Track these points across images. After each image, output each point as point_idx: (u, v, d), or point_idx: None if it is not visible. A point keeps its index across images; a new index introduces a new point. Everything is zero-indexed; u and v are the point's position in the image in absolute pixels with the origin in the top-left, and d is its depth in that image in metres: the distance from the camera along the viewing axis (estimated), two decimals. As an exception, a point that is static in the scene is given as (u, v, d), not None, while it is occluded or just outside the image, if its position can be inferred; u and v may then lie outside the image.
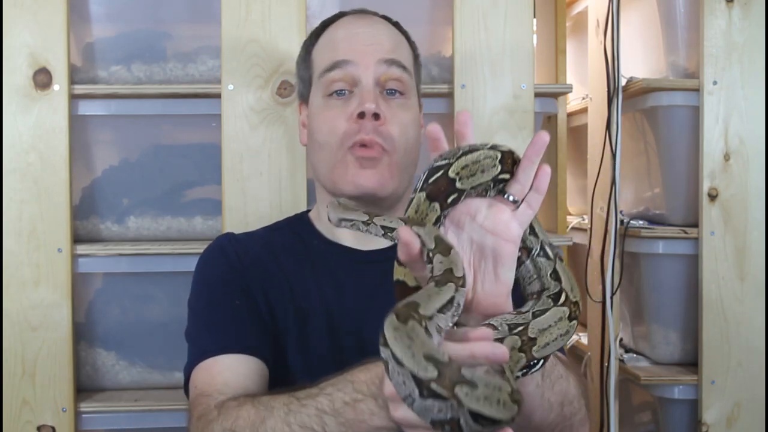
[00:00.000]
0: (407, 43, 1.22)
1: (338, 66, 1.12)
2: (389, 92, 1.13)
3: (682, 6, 1.85)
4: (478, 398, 0.61)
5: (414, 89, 1.19)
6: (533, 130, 1.67)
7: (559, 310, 0.83)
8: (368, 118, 1.08)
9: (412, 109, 1.16)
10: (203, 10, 1.73)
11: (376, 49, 1.13)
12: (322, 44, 1.18)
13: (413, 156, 1.16)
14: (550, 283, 0.87)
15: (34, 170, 1.60)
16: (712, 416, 1.76)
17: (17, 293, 1.59)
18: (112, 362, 1.72)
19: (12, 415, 1.59)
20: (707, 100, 1.76)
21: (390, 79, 1.13)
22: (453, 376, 0.61)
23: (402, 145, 1.12)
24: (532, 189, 0.80)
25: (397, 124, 1.12)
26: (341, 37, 1.15)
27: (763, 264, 1.75)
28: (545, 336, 0.80)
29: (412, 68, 1.19)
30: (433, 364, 0.62)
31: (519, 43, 1.67)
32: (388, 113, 1.11)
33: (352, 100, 1.12)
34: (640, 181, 2.00)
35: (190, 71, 1.71)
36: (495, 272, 0.80)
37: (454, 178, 0.79)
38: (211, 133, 1.68)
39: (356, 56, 1.12)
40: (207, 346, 1.07)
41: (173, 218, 1.74)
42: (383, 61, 1.12)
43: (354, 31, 1.15)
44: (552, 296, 0.85)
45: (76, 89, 1.63)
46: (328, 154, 1.12)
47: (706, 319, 1.76)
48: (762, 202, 1.76)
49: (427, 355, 0.62)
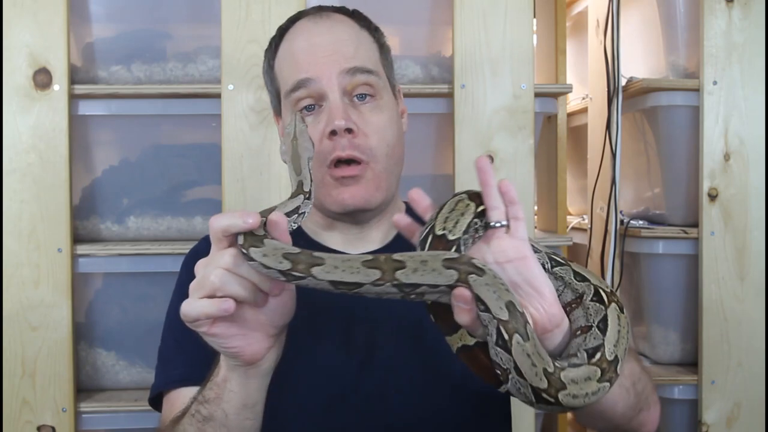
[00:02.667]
0: (371, 37, 1.16)
1: (302, 85, 1.09)
2: (359, 97, 1.10)
3: (682, 6, 1.85)
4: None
5: (386, 86, 1.14)
6: (533, 130, 1.67)
7: (590, 369, 0.81)
8: (341, 134, 1.06)
9: (386, 108, 1.12)
10: (203, 10, 1.73)
11: (337, 59, 1.09)
12: (281, 58, 1.15)
13: (397, 155, 1.13)
14: (595, 332, 0.85)
15: (34, 170, 1.60)
16: (712, 416, 1.76)
17: (17, 293, 1.59)
18: (112, 362, 1.72)
19: (12, 415, 1.59)
20: (707, 100, 1.76)
21: (357, 86, 1.09)
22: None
23: (382, 151, 1.09)
24: (507, 205, 0.83)
25: (373, 131, 1.09)
26: (300, 50, 1.11)
27: (763, 264, 1.75)
28: (574, 387, 0.79)
29: (378, 65, 1.14)
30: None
31: (519, 43, 1.66)
32: (360, 122, 1.08)
33: (321, 114, 1.09)
34: (640, 181, 2.00)
35: (190, 71, 1.71)
36: (534, 289, 0.82)
37: (443, 233, 0.82)
38: (211, 133, 1.68)
39: (318, 71, 1.08)
40: (171, 375, 1.09)
41: (173, 218, 1.74)
42: (346, 72, 1.08)
43: (312, 41, 1.11)
44: (589, 350, 0.83)
45: (76, 89, 1.63)
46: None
47: (706, 319, 1.76)
48: (762, 202, 1.76)
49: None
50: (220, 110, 1.62)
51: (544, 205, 2.08)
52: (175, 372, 1.08)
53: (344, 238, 1.15)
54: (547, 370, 0.77)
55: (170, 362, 1.10)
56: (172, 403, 1.06)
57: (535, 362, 0.77)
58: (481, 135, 1.66)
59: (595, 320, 0.86)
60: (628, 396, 0.95)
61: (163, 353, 1.13)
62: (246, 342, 0.84)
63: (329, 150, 1.07)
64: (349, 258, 0.78)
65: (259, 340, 0.85)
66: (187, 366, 1.06)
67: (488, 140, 1.66)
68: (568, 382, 0.78)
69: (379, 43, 1.17)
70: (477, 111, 1.66)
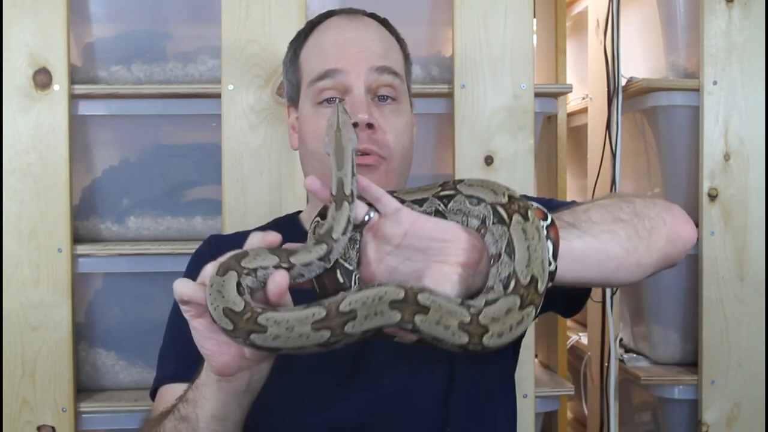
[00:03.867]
0: (398, 44, 1.19)
1: (328, 75, 1.09)
2: (381, 98, 1.11)
3: (682, 6, 1.85)
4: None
5: (406, 93, 1.16)
6: (533, 130, 1.67)
7: (508, 300, 0.75)
8: (362, 128, 1.06)
9: (404, 113, 1.14)
10: (203, 10, 1.73)
11: (368, 56, 1.10)
12: (310, 48, 1.15)
13: (408, 160, 1.15)
14: (504, 260, 0.79)
15: (34, 170, 1.60)
16: (712, 416, 1.76)
17: (17, 293, 1.59)
18: (112, 362, 1.72)
19: (12, 415, 1.59)
20: (707, 100, 1.76)
21: (382, 86, 1.10)
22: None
23: (398, 151, 1.10)
24: (362, 194, 0.82)
25: (392, 130, 1.10)
26: (330, 43, 1.12)
27: (763, 264, 1.75)
28: (497, 325, 0.74)
29: (403, 71, 1.16)
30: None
31: (519, 43, 1.66)
32: (381, 121, 1.09)
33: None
34: (640, 181, 2.00)
35: (190, 71, 1.71)
36: (440, 240, 0.79)
37: (334, 267, 0.80)
38: (211, 133, 1.68)
39: (347, 64, 1.09)
40: (165, 371, 1.11)
41: (173, 218, 1.74)
42: (375, 69, 1.09)
43: (344, 36, 1.12)
44: (503, 280, 0.77)
45: (76, 89, 1.63)
46: (319, 162, 1.11)
47: (706, 319, 1.76)
48: (762, 202, 1.76)
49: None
50: (220, 110, 1.62)
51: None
52: (169, 368, 1.10)
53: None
54: (463, 323, 0.73)
55: (166, 359, 1.13)
56: (161, 397, 1.08)
57: (447, 323, 0.73)
58: (481, 135, 1.66)
59: (501, 246, 0.80)
60: (617, 231, 0.89)
61: (161, 351, 1.15)
62: (219, 349, 0.81)
63: None
64: (294, 324, 0.72)
65: (232, 355, 0.81)
66: (178, 363, 1.08)
67: (488, 140, 1.66)
68: (489, 322, 0.74)
69: (405, 53, 1.19)
70: (477, 111, 1.66)
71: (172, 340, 1.13)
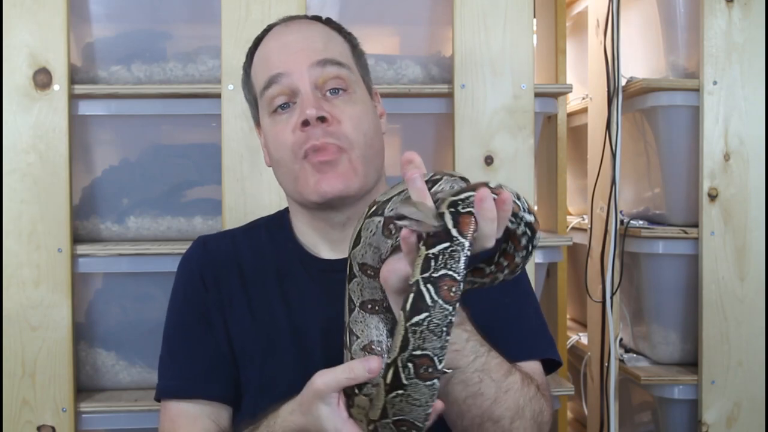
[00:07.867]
0: (341, 37, 1.18)
1: (274, 81, 1.10)
2: (332, 92, 1.10)
3: (682, 6, 1.85)
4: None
5: (358, 81, 1.15)
6: (533, 130, 1.67)
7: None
8: (314, 124, 1.06)
9: (360, 101, 1.12)
10: (203, 10, 1.73)
11: (308, 53, 1.10)
12: (256, 63, 1.16)
13: (376, 146, 1.13)
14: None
15: (34, 170, 1.60)
16: (712, 416, 1.76)
17: (17, 293, 1.59)
18: (112, 362, 1.72)
19: (12, 415, 1.59)
20: (707, 100, 1.76)
21: (328, 79, 1.10)
22: None
23: (359, 138, 1.09)
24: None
25: (348, 119, 1.09)
26: (271, 50, 1.13)
27: (763, 264, 1.76)
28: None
29: (351, 61, 1.15)
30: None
31: (519, 43, 1.67)
32: (334, 112, 1.08)
33: (295, 111, 1.09)
34: (640, 181, 2.00)
35: (190, 71, 1.71)
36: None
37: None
38: (211, 133, 1.68)
39: (288, 66, 1.09)
40: (168, 385, 1.14)
41: (173, 218, 1.74)
42: (316, 64, 1.09)
43: (282, 41, 1.13)
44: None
45: (76, 89, 1.63)
46: (286, 169, 1.11)
47: (706, 319, 1.76)
48: (762, 202, 1.76)
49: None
50: (220, 110, 1.62)
51: (544, 205, 2.08)
52: (171, 383, 1.13)
53: (330, 246, 1.15)
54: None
55: (168, 370, 1.15)
56: (167, 413, 1.11)
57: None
58: (481, 135, 1.66)
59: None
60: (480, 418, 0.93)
61: (162, 357, 1.17)
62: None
63: (303, 141, 1.07)
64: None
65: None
66: (180, 379, 1.12)
67: (488, 140, 1.66)
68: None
69: (352, 44, 1.18)
70: (477, 111, 1.66)
71: (170, 353, 1.15)
